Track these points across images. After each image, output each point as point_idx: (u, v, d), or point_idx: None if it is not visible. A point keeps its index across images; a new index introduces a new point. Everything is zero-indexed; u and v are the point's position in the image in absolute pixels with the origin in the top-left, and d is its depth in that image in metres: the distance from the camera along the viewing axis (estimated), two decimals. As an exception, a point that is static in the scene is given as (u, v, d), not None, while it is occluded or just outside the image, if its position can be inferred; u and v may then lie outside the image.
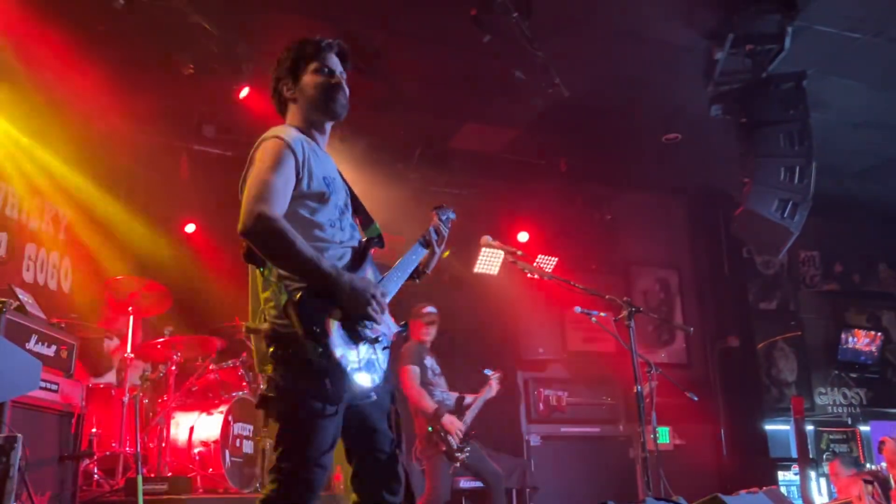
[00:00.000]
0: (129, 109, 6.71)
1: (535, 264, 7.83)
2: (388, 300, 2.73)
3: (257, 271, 2.66)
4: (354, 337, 2.55)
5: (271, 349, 2.56)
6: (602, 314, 5.15)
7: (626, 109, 7.54)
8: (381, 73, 6.72)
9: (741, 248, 9.93)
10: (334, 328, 2.49)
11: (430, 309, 6.14)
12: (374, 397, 2.65)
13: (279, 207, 2.51)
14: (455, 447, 5.61)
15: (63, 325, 4.29)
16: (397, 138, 7.77)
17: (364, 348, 2.57)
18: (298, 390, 2.50)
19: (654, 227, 9.72)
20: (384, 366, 2.67)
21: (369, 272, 2.77)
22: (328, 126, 2.91)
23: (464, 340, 7.76)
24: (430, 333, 6.07)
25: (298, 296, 2.47)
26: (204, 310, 6.73)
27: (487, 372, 6.35)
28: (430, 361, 5.94)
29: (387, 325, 2.70)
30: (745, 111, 6.51)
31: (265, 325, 2.59)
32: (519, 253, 4.09)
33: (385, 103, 7.07)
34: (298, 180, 2.62)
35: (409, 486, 2.75)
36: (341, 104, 2.84)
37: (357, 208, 2.94)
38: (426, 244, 3.12)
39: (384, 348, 2.69)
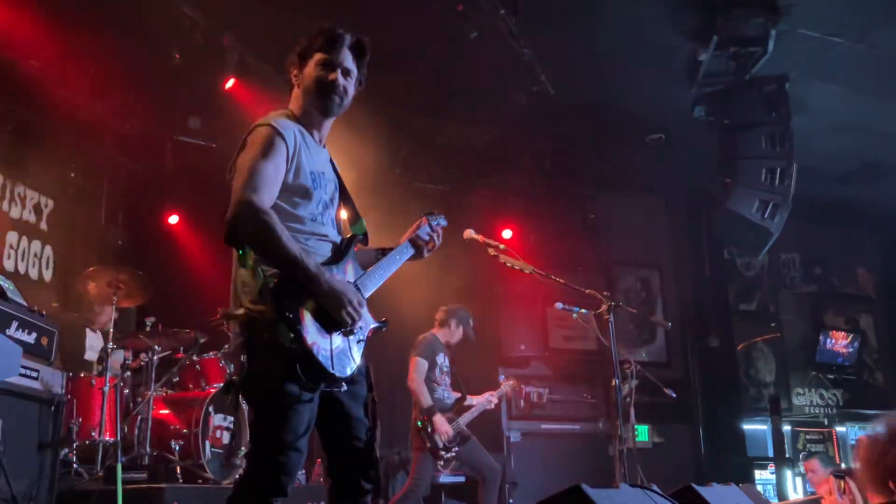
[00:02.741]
0: (114, 100, 6.70)
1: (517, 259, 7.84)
2: (366, 296, 2.73)
3: (237, 254, 2.65)
4: (328, 327, 2.56)
5: (245, 335, 2.56)
6: (583, 311, 5.20)
7: (611, 109, 7.59)
8: (367, 69, 6.72)
9: (722, 250, 10.03)
10: (308, 316, 2.51)
11: (463, 311, 6.15)
12: (345, 388, 2.65)
13: (269, 198, 2.52)
14: (440, 447, 5.63)
15: (44, 313, 4.28)
16: (382, 135, 7.78)
17: (338, 338, 2.59)
18: (272, 376, 2.50)
19: (636, 227, 9.78)
20: (358, 358, 2.68)
21: (350, 268, 2.76)
22: (327, 119, 2.86)
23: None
24: (453, 334, 6.09)
25: (275, 281, 2.49)
26: (186, 301, 6.72)
27: (501, 378, 6.41)
28: (441, 358, 5.95)
29: (364, 321, 2.70)
30: (727, 112, 6.59)
31: (240, 311, 2.59)
32: (501, 247, 4.11)
33: (371, 99, 7.07)
34: (286, 171, 2.61)
35: (377, 470, 2.76)
36: (335, 103, 2.79)
37: (345, 202, 2.93)
38: (415, 245, 3.09)
39: (359, 341, 2.69)
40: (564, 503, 1.72)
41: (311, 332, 2.50)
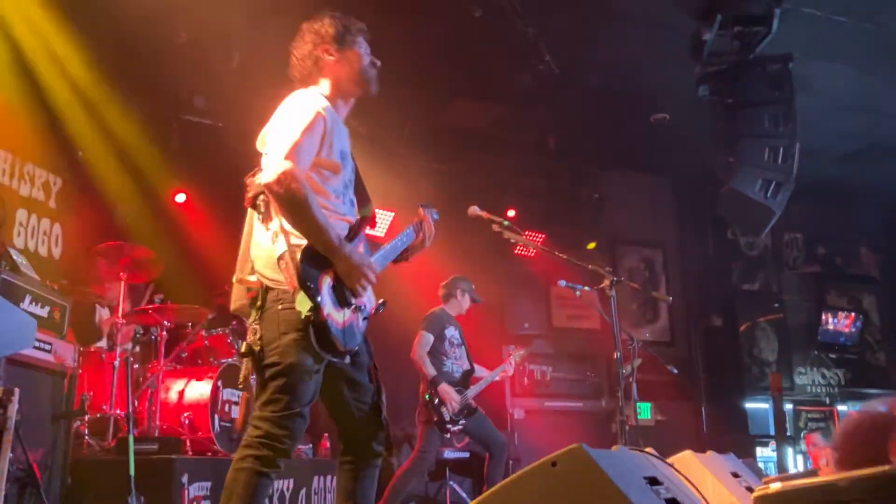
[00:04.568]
0: (121, 79, 6.73)
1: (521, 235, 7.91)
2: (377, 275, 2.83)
3: (256, 221, 2.74)
4: (341, 300, 2.67)
5: (259, 303, 2.67)
6: (586, 288, 5.25)
7: (615, 88, 7.61)
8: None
9: (726, 229, 10.06)
10: (326, 288, 2.62)
11: (461, 279, 6.20)
12: (348, 360, 2.75)
13: (303, 167, 2.62)
14: (447, 419, 5.68)
15: (56, 288, 4.35)
16: (386, 114, 7.82)
17: (348, 313, 2.70)
18: (285, 343, 2.60)
19: (640, 207, 9.82)
20: (362, 332, 2.82)
21: (361, 248, 2.85)
22: (352, 100, 2.99)
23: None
24: (460, 304, 6.12)
25: (301, 250, 2.59)
26: (194, 279, 6.79)
27: (511, 349, 6.44)
28: (451, 331, 5.99)
29: (369, 298, 2.84)
30: (731, 92, 6.60)
31: (253, 278, 2.70)
32: (506, 223, 4.16)
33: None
34: (321, 147, 2.71)
35: (388, 432, 2.89)
36: (376, 87, 2.99)
37: (357, 186, 3.02)
38: (416, 231, 3.20)
39: (364, 318, 2.82)
40: (566, 461, 1.79)
41: (328, 304, 2.60)
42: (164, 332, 5.50)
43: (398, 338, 6.51)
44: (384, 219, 8.44)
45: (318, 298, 2.56)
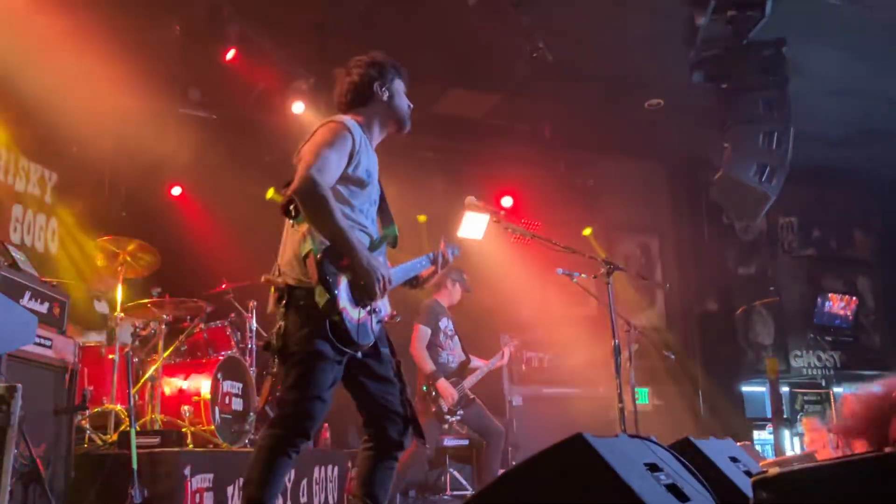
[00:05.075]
0: (114, 72, 6.71)
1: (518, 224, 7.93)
2: (392, 286, 3.09)
3: (288, 226, 3.04)
4: (357, 299, 2.93)
5: (284, 300, 2.94)
6: (583, 275, 5.28)
7: (610, 75, 7.61)
8: (367, 38, 6.74)
9: (721, 215, 10.08)
10: (343, 284, 2.88)
11: (457, 271, 6.22)
12: (360, 355, 2.98)
13: (329, 178, 2.89)
14: (445, 411, 5.73)
15: (55, 284, 4.36)
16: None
17: (363, 312, 2.95)
18: (305, 334, 2.86)
19: (635, 193, 9.83)
20: (376, 333, 3.07)
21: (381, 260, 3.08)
22: (386, 132, 3.32)
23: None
24: (452, 294, 6.15)
25: (323, 249, 2.85)
26: (191, 272, 6.80)
27: (505, 338, 6.47)
28: (445, 322, 6.02)
29: (384, 304, 3.12)
30: (725, 77, 6.61)
31: (279, 279, 2.98)
32: (502, 213, 4.19)
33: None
34: (349, 163, 2.98)
35: (416, 421, 3.13)
36: (410, 125, 3.35)
37: (383, 209, 3.29)
38: (433, 261, 3.47)
39: (378, 321, 3.07)
40: (566, 451, 1.82)
41: (344, 298, 2.86)
42: (163, 326, 5.51)
43: (396, 329, 6.52)
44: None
45: (336, 292, 2.81)
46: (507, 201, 8.75)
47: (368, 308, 2.97)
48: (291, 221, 2.99)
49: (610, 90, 7.88)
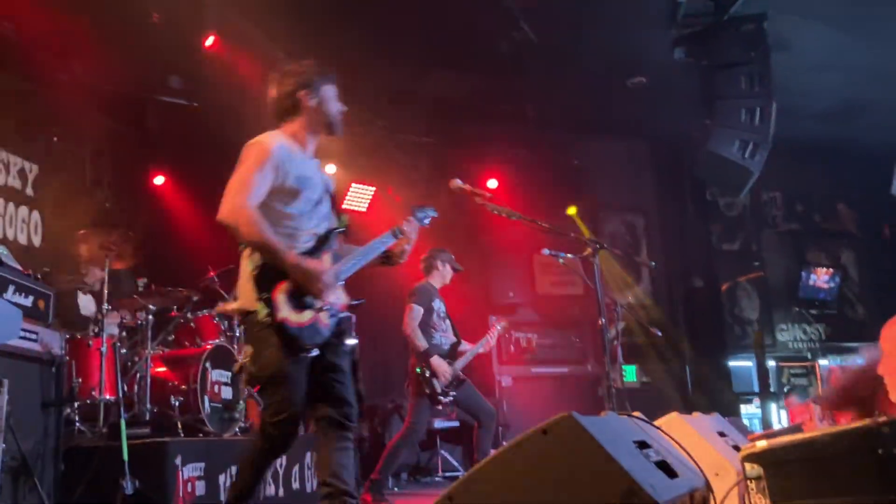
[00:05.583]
0: (92, 60, 6.64)
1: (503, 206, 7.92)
2: (340, 279, 3.25)
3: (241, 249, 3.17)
4: (300, 304, 3.06)
5: (243, 325, 3.24)
6: (569, 255, 5.29)
7: (592, 54, 7.59)
8: (348, 21, 6.69)
9: (705, 191, 10.14)
10: (281, 296, 3.02)
11: (439, 250, 6.22)
12: (316, 352, 3.11)
13: (254, 200, 3.04)
14: (439, 390, 5.73)
15: (39, 277, 4.32)
16: (364, 86, 7.76)
17: (309, 314, 3.07)
18: (268, 355, 3.04)
19: (620, 172, 9.86)
20: (332, 328, 3.18)
21: (327, 257, 3.23)
22: (320, 136, 3.40)
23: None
24: (443, 275, 6.14)
25: (255, 268, 3.03)
26: (177, 261, 6.77)
27: (493, 319, 6.46)
28: (438, 304, 6.02)
29: (337, 297, 3.22)
30: (707, 54, 6.62)
31: (234, 305, 3.18)
32: (488, 195, 4.18)
33: (351, 51, 7.05)
34: (275, 178, 3.11)
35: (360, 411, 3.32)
36: (342, 128, 3.41)
37: (333, 203, 3.41)
38: (395, 235, 3.47)
39: (332, 315, 3.18)
40: (557, 430, 1.83)
41: (284, 309, 3.01)
42: (150, 316, 5.48)
43: (385, 312, 6.54)
44: (365, 194, 8.43)
45: (271, 305, 2.98)
46: (492, 183, 8.75)
47: (317, 307, 3.10)
48: (241, 246, 3.15)
49: (592, 69, 7.86)
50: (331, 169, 8.10)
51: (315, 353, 3.11)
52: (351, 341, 3.34)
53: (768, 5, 6.52)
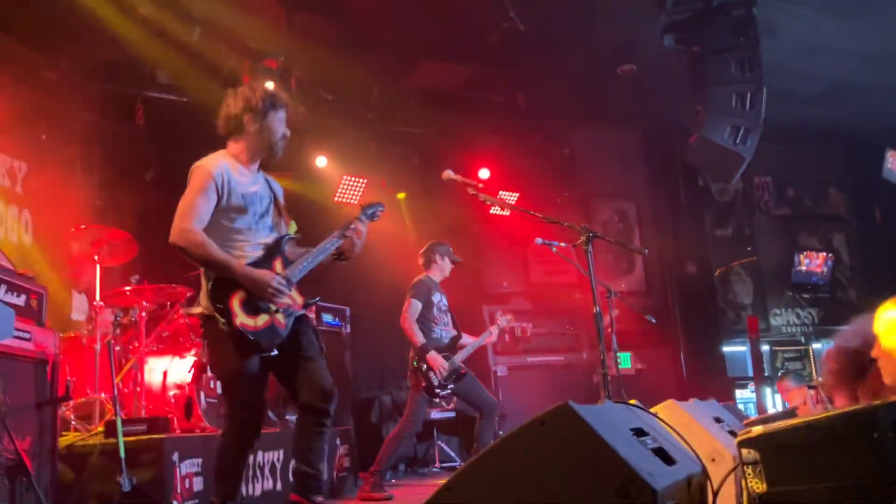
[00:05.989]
0: (78, 56, 6.59)
1: (497, 197, 7.92)
2: (293, 282, 3.49)
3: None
4: (254, 309, 3.35)
5: (203, 328, 3.49)
6: (562, 244, 5.29)
7: (581, 42, 7.57)
8: (335, 12, 6.66)
9: (697, 178, 10.15)
10: (236, 304, 3.31)
11: (437, 243, 6.20)
12: (276, 352, 3.39)
13: (199, 223, 3.33)
14: (435, 384, 5.72)
15: (31, 276, 4.30)
16: (354, 78, 7.73)
17: (264, 317, 3.36)
18: (223, 356, 3.37)
19: (611, 160, 9.86)
20: (289, 327, 3.46)
21: (278, 263, 3.53)
22: (261, 158, 3.65)
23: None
24: (442, 269, 6.12)
25: (210, 282, 3.33)
26: (169, 257, 6.70)
27: (497, 315, 6.46)
28: (438, 297, 6.01)
29: (291, 299, 3.48)
30: (696, 40, 6.61)
31: (198, 310, 3.52)
32: (480, 186, 4.18)
33: (340, 43, 7.02)
34: (219, 199, 3.39)
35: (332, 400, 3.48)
36: (281, 153, 3.66)
37: (279, 211, 3.69)
38: (342, 236, 3.69)
39: (288, 316, 3.47)
40: (554, 420, 1.83)
41: (240, 315, 3.30)
42: (144, 314, 5.46)
43: (383, 305, 6.54)
44: (357, 186, 8.40)
45: (228, 313, 3.27)
46: (484, 173, 8.74)
47: (272, 310, 3.38)
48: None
49: (582, 57, 7.84)
50: (321, 161, 8.08)
51: (275, 353, 3.38)
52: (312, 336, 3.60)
53: (757, -10, 6.52)
